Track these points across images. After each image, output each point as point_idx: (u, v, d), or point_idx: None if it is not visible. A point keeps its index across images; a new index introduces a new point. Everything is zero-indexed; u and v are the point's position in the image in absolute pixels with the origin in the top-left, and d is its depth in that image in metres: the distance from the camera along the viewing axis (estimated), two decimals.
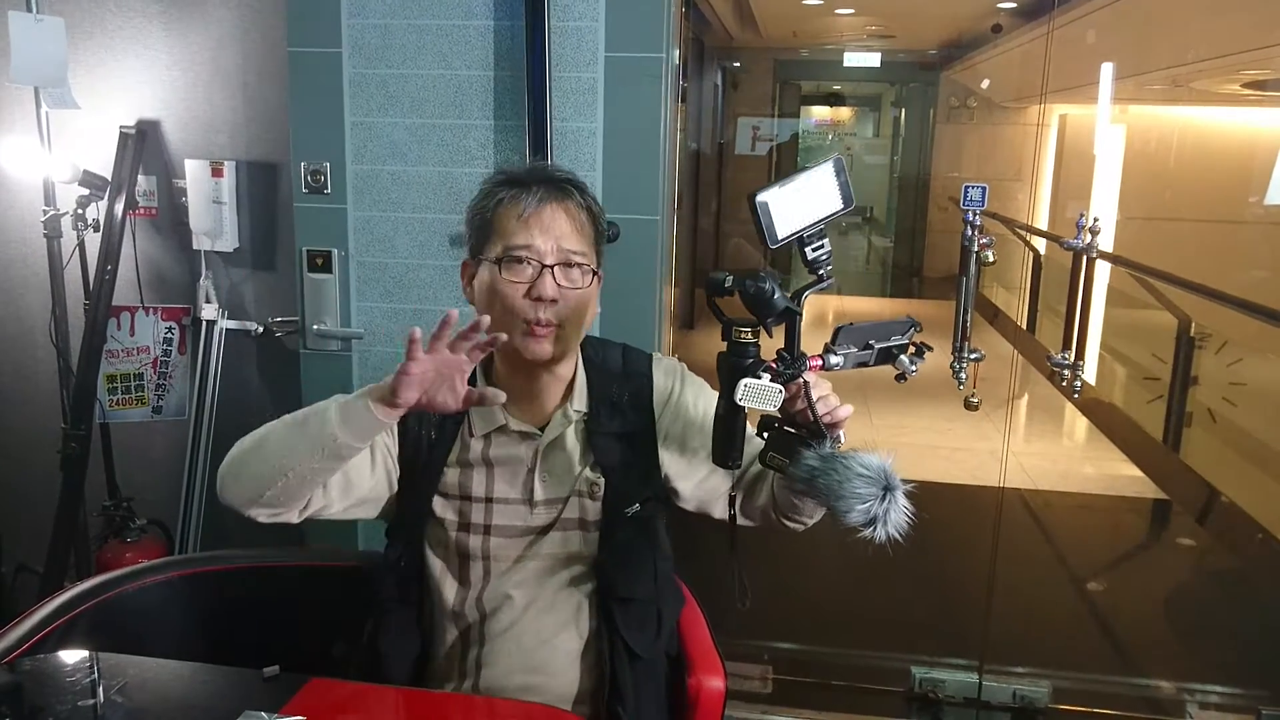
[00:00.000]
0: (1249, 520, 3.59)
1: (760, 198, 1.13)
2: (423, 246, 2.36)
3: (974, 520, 3.74)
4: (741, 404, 1.16)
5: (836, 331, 1.20)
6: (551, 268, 1.35)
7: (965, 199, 2.45)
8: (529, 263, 1.34)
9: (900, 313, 1.27)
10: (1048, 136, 5.97)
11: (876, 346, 1.24)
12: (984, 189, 2.45)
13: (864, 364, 1.25)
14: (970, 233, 2.52)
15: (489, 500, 1.42)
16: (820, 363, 1.21)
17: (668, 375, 1.51)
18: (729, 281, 1.19)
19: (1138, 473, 4.41)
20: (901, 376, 1.27)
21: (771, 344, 1.21)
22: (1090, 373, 4.92)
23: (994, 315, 5.89)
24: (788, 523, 1.44)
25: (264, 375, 2.73)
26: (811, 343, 1.22)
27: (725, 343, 1.19)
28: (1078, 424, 5.26)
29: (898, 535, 1.13)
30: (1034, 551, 3.75)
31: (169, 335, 2.70)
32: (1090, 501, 4.36)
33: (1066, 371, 3.10)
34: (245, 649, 1.37)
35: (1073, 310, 3.14)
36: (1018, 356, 5.00)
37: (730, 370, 1.18)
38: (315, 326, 2.42)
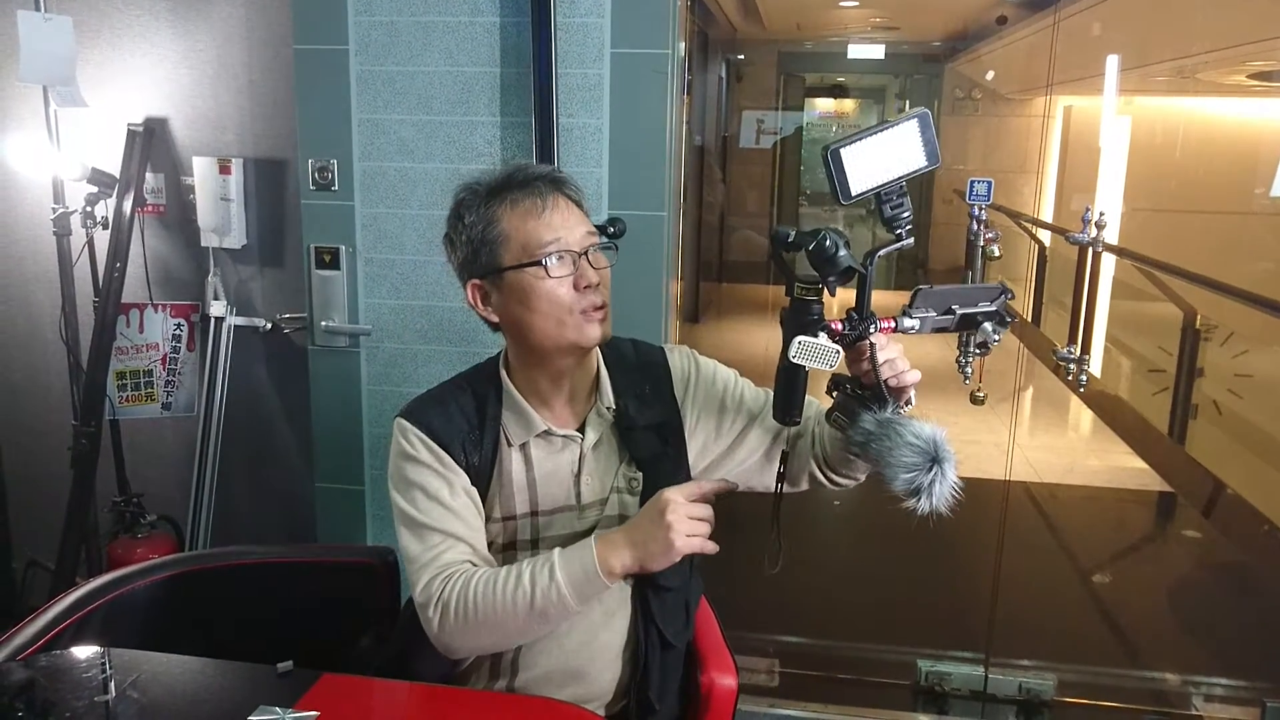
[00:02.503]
0: (1254, 513, 3.58)
1: (835, 149, 1.09)
2: (430, 243, 2.37)
3: (979, 513, 3.74)
4: (795, 361, 1.14)
5: (914, 293, 1.18)
6: (585, 253, 1.35)
7: (971, 194, 2.45)
8: (564, 255, 1.34)
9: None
10: (1053, 128, 5.95)
11: (959, 312, 1.21)
12: (989, 184, 2.45)
13: (944, 329, 1.21)
14: (976, 227, 2.53)
15: (534, 514, 1.40)
16: (892, 325, 1.18)
17: (682, 360, 1.51)
18: (793, 236, 1.17)
19: (1143, 465, 4.40)
20: (984, 345, 1.24)
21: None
22: (1095, 365, 4.91)
23: None
24: (838, 479, 1.43)
25: (272, 371, 2.74)
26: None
27: (789, 299, 1.18)
28: (1083, 417, 5.26)
29: (942, 508, 1.11)
30: (1039, 544, 3.75)
31: (178, 332, 2.71)
32: (1095, 494, 4.36)
33: (1072, 365, 3.10)
34: (257, 644, 1.38)
35: (1078, 304, 3.14)
36: (1023, 349, 4.99)
37: (791, 327, 1.16)
38: (323, 323, 2.43)
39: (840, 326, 1.17)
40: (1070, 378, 3.14)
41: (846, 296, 1.21)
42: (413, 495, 1.35)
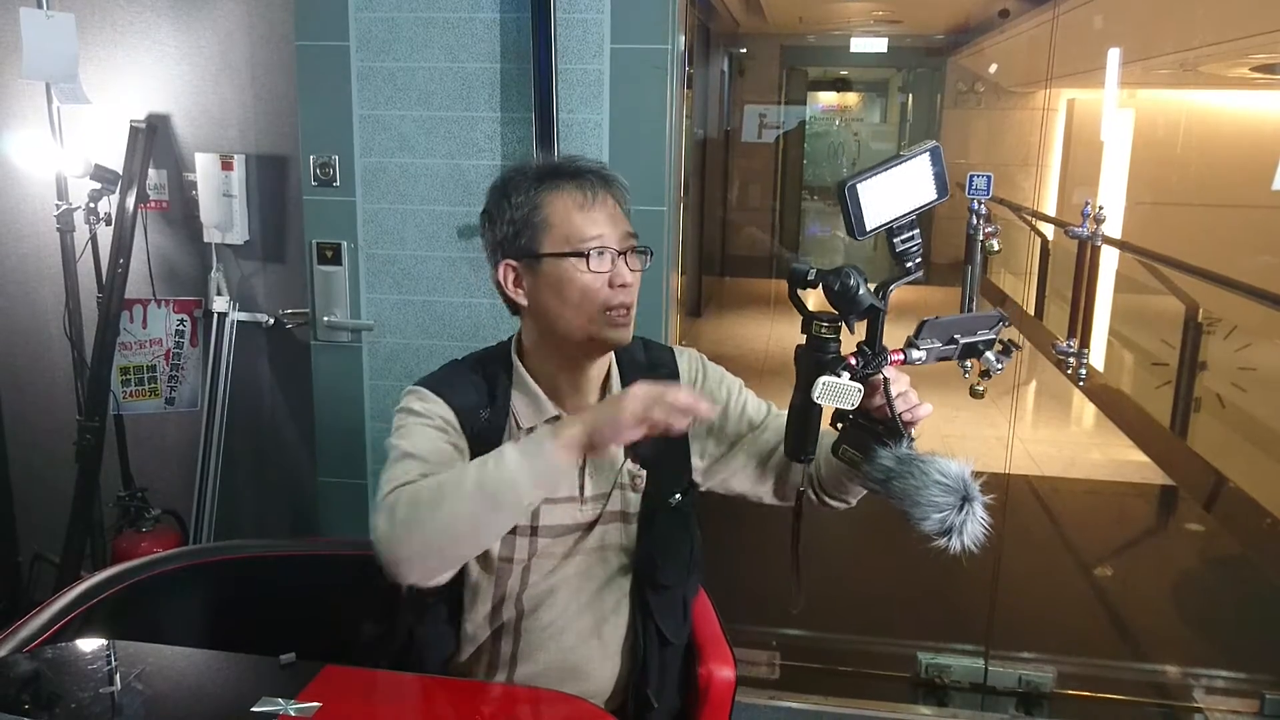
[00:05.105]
0: (1256, 506, 3.59)
1: (851, 185, 1.08)
2: (431, 238, 2.38)
3: None
4: (819, 402, 1.14)
5: (920, 325, 1.17)
6: (624, 254, 1.36)
7: (970, 188, 2.45)
8: (605, 252, 1.34)
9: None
10: (1054, 121, 5.94)
11: (961, 341, 1.20)
12: (989, 177, 2.45)
13: (946, 358, 1.21)
14: (975, 221, 2.53)
15: None
16: (901, 357, 1.17)
17: (690, 364, 1.52)
18: (813, 274, 1.16)
19: (1145, 458, 4.41)
20: (986, 374, 1.24)
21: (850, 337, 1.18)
22: (1098, 359, 4.91)
23: (1001, 301, 5.88)
24: (830, 502, 1.43)
25: (275, 367, 2.76)
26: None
27: (805, 336, 1.17)
28: (1085, 410, 5.26)
29: (973, 547, 1.10)
30: (1040, 537, 3.76)
31: (181, 328, 2.72)
32: (1097, 487, 4.36)
33: (1071, 359, 3.10)
34: (260, 637, 1.39)
35: (1078, 298, 3.15)
36: (1024, 343, 4.99)
37: (810, 365, 1.15)
38: (325, 318, 2.44)
39: (854, 362, 1.16)
40: (1070, 371, 3.14)
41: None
42: (411, 433, 1.33)
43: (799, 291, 1.18)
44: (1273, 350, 4.04)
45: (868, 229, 1.10)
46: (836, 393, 1.14)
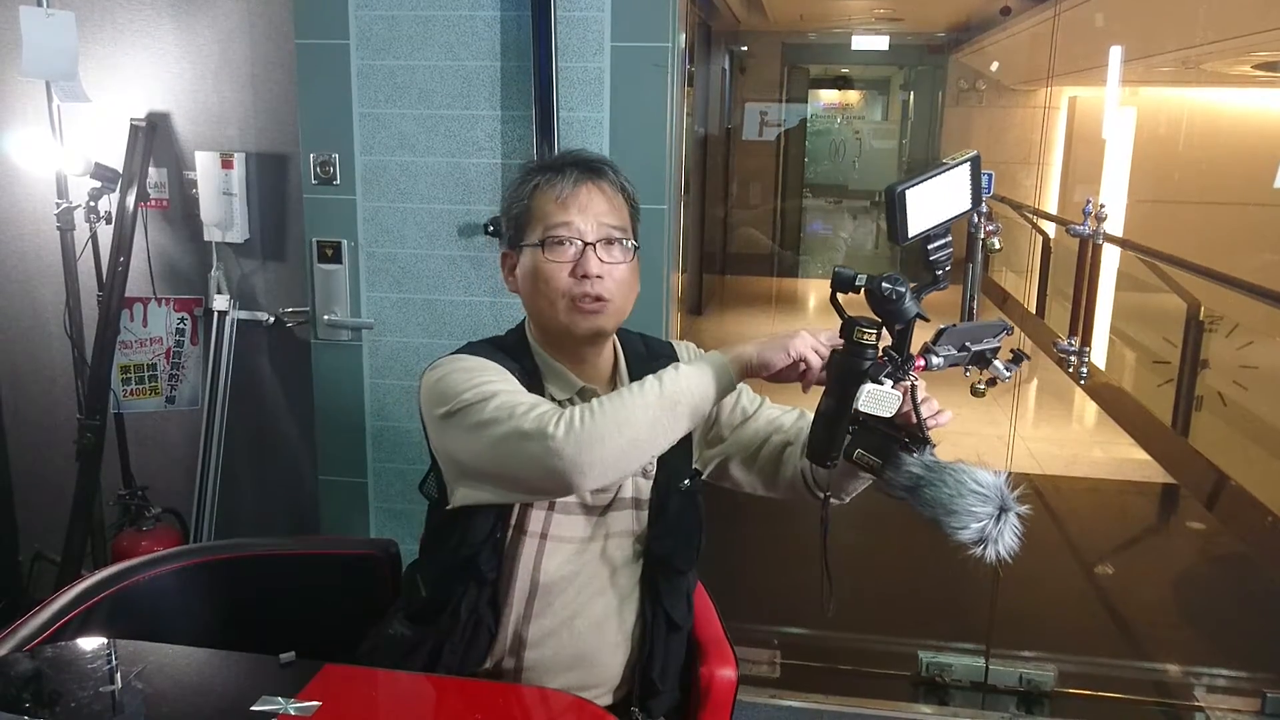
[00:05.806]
0: (1258, 504, 3.58)
1: (901, 190, 1.08)
2: (431, 237, 2.38)
3: None
4: (864, 410, 1.14)
5: (939, 332, 1.18)
6: (594, 245, 1.37)
7: None
8: (570, 242, 1.36)
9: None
10: (1056, 119, 5.94)
11: (973, 349, 1.21)
12: (990, 176, 2.45)
13: (957, 365, 1.22)
14: (976, 219, 2.53)
15: None
16: (923, 363, 1.17)
17: (688, 354, 1.55)
18: (860, 280, 1.15)
19: (1146, 457, 4.40)
20: (993, 381, 1.25)
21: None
22: (1099, 357, 4.90)
23: (1003, 299, 5.88)
24: (831, 497, 1.43)
25: (275, 365, 2.76)
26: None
27: (844, 340, 1.17)
28: (1086, 408, 5.26)
29: (1007, 557, 1.11)
30: (1041, 536, 3.76)
31: (181, 326, 2.72)
32: (1098, 486, 4.36)
33: (1073, 358, 3.10)
34: (260, 635, 1.39)
35: (1079, 296, 3.14)
36: (1026, 341, 4.99)
37: (848, 371, 1.15)
38: (326, 317, 2.44)
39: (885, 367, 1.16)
40: (1071, 369, 3.13)
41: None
42: (486, 380, 1.31)
43: (839, 296, 1.19)
44: (1275, 348, 4.03)
45: (910, 235, 1.10)
46: (878, 400, 1.14)
